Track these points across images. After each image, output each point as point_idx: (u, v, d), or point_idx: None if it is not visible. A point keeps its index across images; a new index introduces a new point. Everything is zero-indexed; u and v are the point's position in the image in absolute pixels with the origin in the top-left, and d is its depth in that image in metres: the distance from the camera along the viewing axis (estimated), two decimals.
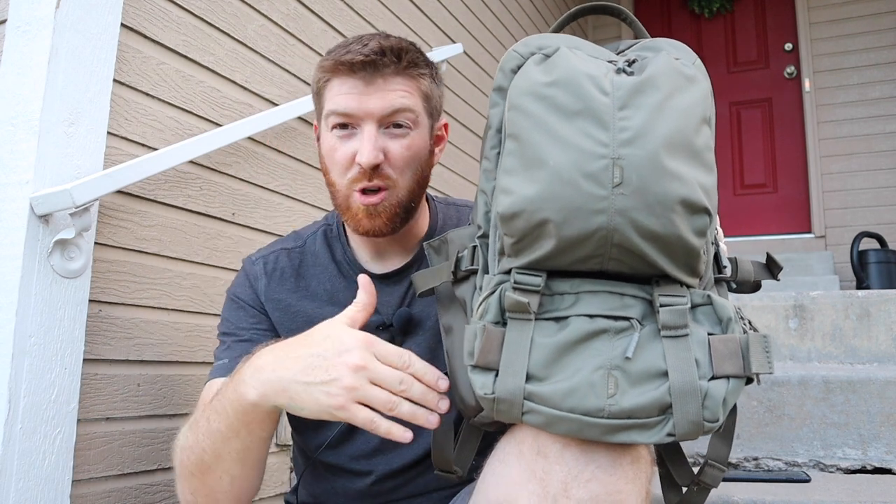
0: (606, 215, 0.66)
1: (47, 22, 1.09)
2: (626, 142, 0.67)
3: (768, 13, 4.29)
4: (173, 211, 1.31)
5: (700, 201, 0.68)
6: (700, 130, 0.70)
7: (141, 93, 1.25)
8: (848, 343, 1.78)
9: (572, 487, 0.69)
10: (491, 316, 0.70)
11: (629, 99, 0.69)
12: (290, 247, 1.09)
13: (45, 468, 1.03)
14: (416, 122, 0.99)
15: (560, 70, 0.71)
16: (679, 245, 0.68)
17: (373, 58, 0.95)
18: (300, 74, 1.69)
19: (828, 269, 3.70)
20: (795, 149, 4.10)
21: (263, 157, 1.56)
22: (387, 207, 0.97)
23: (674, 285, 0.71)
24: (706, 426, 0.67)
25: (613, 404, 0.66)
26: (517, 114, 0.72)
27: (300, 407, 0.78)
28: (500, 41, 3.03)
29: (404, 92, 0.97)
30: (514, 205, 0.69)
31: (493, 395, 0.68)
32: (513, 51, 0.78)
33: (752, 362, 0.69)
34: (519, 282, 0.70)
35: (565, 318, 0.69)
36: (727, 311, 0.71)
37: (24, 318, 1.02)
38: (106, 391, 1.16)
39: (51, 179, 1.07)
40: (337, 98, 0.97)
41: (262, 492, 1.50)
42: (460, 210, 1.14)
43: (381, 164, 0.95)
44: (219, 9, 1.45)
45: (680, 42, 0.80)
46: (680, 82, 0.71)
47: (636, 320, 0.69)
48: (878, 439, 1.41)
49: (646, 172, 0.66)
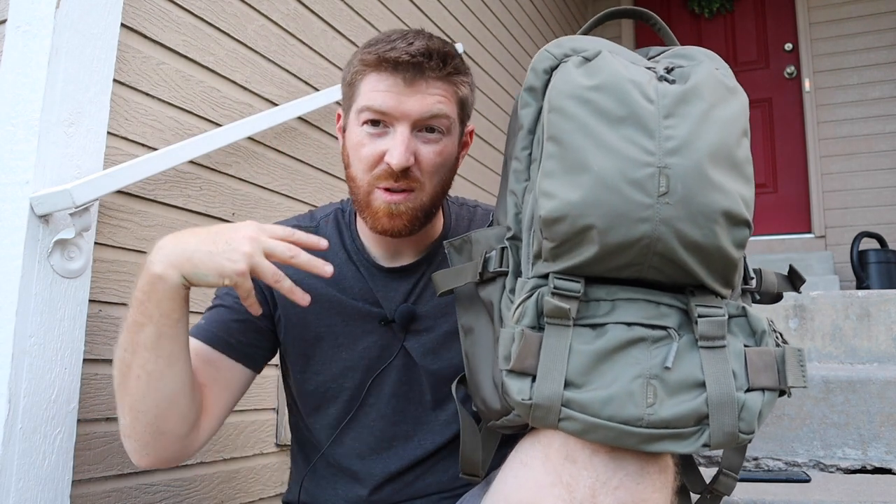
0: (651, 224, 0.66)
1: (47, 22, 1.09)
2: (672, 151, 0.67)
3: (768, 13, 4.29)
4: (173, 211, 1.31)
5: (742, 213, 0.68)
6: (741, 143, 0.71)
7: (141, 93, 1.25)
8: (848, 343, 1.78)
9: (600, 494, 0.69)
10: (528, 320, 0.70)
11: (674, 107, 0.69)
12: (304, 225, 1.07)
13: (45, 468, 1.03)
14: (450, 128, 0.97)
15: (604, 74, 0.71)
16: (719, 256, 0.68)
17: (419, 59, 0.92)
18: (300, 74, 1.69)
19: (828, 269, 3.69)
20: (795, 149, 4.10)
21: (263, 157, 1.56)
22: (409, 209, 0.95)
23: (709, 296, 0.71)
24: (741, 438, 0.67)
25: (652, 414, 0.66)
26: (559, 116, 0.71)
27: (204, 273, 0.82)
28: (500, 41, 3.03)
29: (443, 97, 0.95)
30: (558, 209, 0.68)
31: (530, 402, 0.68)
32: (545, 51, 0.77)
33: (788, 375, 0.69)
34: (559, 287, 0.69)
35: (602, 326, 0.69)
36: (762, 323, 0.72)
37: (24, 318, 1.02)
38: (106, 391, 1.16)
39: (51, 179, 1.07)
40: (373, 94, 0.94)
41: (262, 492, 1.50)
42: (472, 210, 1.13)
43: (411, 168, 0.93)
44: (219, 9, 1.45)
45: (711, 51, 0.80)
46: (723, 93, 0.72)
47: (674, 329, 0.69)
48: (878, 439, 1.41)
49: (691, 182, 0.66)
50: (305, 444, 1.10)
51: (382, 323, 1.02)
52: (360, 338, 1.02)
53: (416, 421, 1.03)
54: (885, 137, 3.85)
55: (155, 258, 0.84)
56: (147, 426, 0.88)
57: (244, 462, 1.45)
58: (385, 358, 1.02)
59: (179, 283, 0.84)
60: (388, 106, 0.93)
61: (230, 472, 1.41)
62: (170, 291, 0.84)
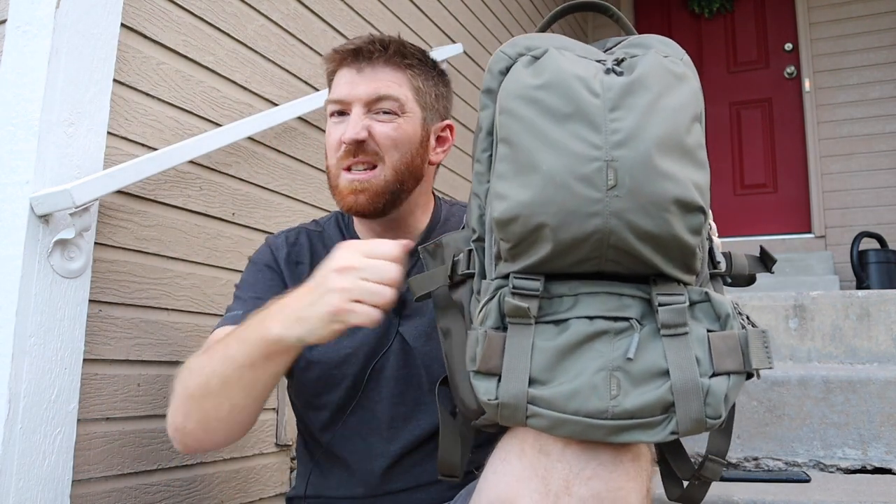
0: (602, 218, 0.66)
1: (47, 22, 1.09)
2: (619, 143, 0.67)
3: (768, 13, 4.28)
4: (173, 211, 1.31)
5: (694, 200, 0.68)
6: (691, 129, 0.71)
7: (141, 93, 1.25)
8: (848, 343, 1.78)
9: (574, 485, 0.70)
10: (491, 321, 0.71)
11: (620, 100, 0.69)
12: (311, 228, 1.17)
13: (45, 468, 1.03)
14: (403, 109, 1.04)
15: (549, 72, 0.71)
16: (675, 244, 0.69)
17: (367, 47, 1.03)
18: (300, 74, 1.69)
19: (828, 269, 3.69)
20: (795, 149, 4.10)
21: (263, 157, 1.56)
22: (372, 185, 1.02)
23: (671, 284, 0.71)
24: (709, 423, 0.68)
25: (616, 405, 0.66)
26: (508, 118, 0.72)
27: (312, 329, 0.83)
28: (500, 41, 3.03)
29: (392, 82, 1.04)
30: (509, 210, 0.69)
31: (496, 401, 0.68)
32: (500, 52, 0.78)
33: (752, 358, 0.69)
34: (517, 286, 0.70)
35: (565, 321, 0.70)
36: (725, 307, 0.72)
37: (24, 318, 1.02)
38: (106, 391, 1.16)
39: (51, 179, 1.07)
40: (335, 88, 1.06)
41: (262, 492, 1.50)
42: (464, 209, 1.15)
43: (366, 141, 1.01)
44: (219, 9, 1.45)
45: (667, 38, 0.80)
46: (670, 81, 0.71)
47: (635, 320, 0.70)
48: (878, 439, 1.41)
49: (639, 173, 0.66)
50: (310, 441, 1.12)
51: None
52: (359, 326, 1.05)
53: (414, 402, 1.06)
54: (885, 137, 3.85)
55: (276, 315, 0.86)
56: (216, 436, 0.97)
57: (244, 462, 1.46)
58: (384, 343, 1.06)
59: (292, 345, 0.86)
60: (343, 94, 1.04)
61: (230, 472, 1.41)
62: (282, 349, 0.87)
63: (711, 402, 0.67)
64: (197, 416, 0.94)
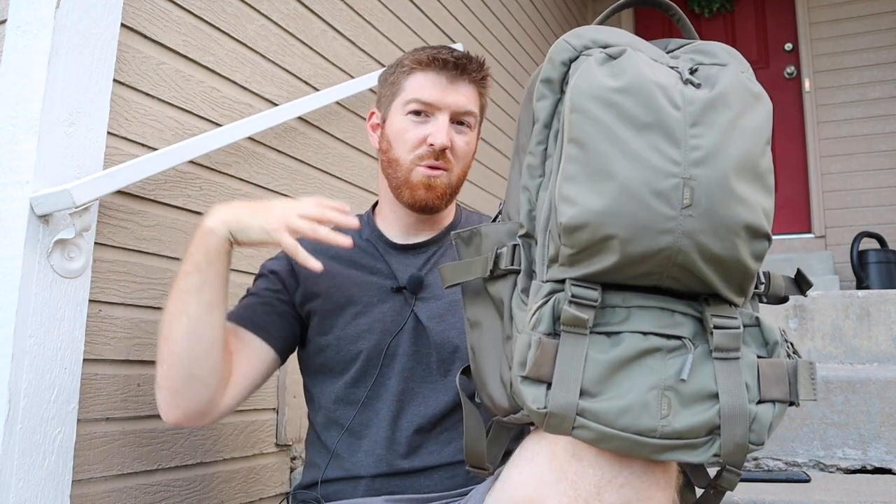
0: (673, 236, 0.66)
1: (47, 22, 1.09)
2: (698, 161, 0.66)
3: (768, 13, 4.28)
4: (173, 211, 1.31)
5: (763, 227, 0.68)
6: (765, 152, 0.70)
7: (141, 93, 1.25)
8: (848, 343, 1.78)
9: (605, 492, 0.69)
10: (544, 327, 0.69)
11: (701, 115, 0.68)
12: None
13: (45, 468, 1.03)
14: (473, 126, 1.16)
15: (629, 75, 0.69)
16: (738, 268, 0.68)
17: (463, 62, 1.12)
18: (300, 74, 1.69)
19: (828, 269, 3.69)
20: (795, 149, 4.10)
21: (263, 157, 1.56)
22: (443, 184, 1.11)
23: (724, 305, 0.71)
24: (751, 448, 0.68)
25: (666, 425, 0.66)
26: (581, 118, 0.69)
27: (246, 228, 0.98)
28: (500, 41, 3.03)
29: (473, 98, 1.15)
30: (579, 216, 0.67)
31: (545, 410, 0.67)
32: (564, 41, 0.75)
33: (800, 389, 0.70)
34: (576, 295, 0.69)
35: (618, 334, 0.69)
36: (774, 334, 0.72)
37: (24, 318, 1.02)
38: (106, 391, 1.16)
39: (51, 179, 1.06)
40: (421, 88, 1.11)
41: (262, 492, 1.50)
42: (480, 217, 1.27)
43: (447, 150, 1.10)
44: (219, 9, 1.45)
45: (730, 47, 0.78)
46: (749, 100, 0.70)
47: (689, 340, 0.69)
48: (878, 439, 1.41)
49: (715, 195, 0.66)
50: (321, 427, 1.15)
51: (394, 290, 1.12)
52: (376, 305, 1.12)
53: (422, 380, 1.10)
54: (885, 137, 3.85)
55: (209, 216, 1.00)
56: (182, 370, 0.98)
57: (244, 462, 1.45)
58: (399, 322, 1.11)
59: (226, 238, 0.98)
60: (434, 98, 1.10)
61: (230, 472, 1.41)
62: (217, 243, 0.98)
63: (756, 429, 0.68)
64: (166, 350, 0.99)
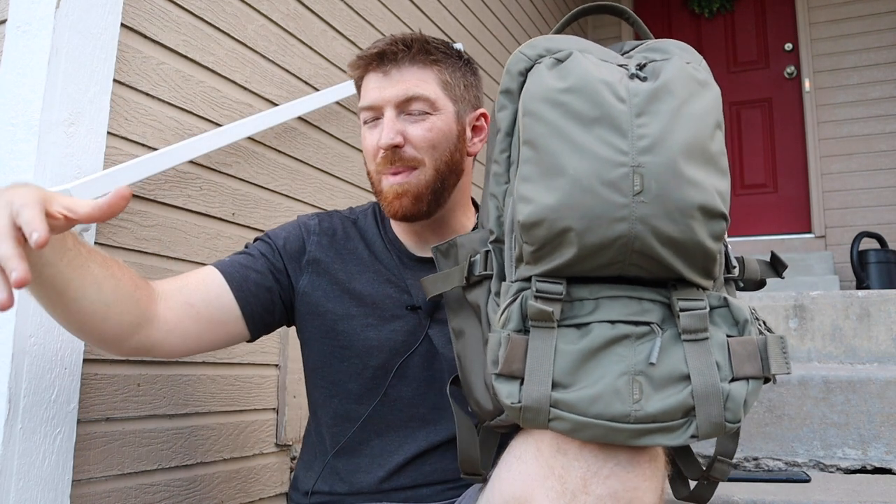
0: (628, 223, 0.67)
1: (47, 22, 1.09)
2: (645, 149, 0.68)
3: (768, 13, 4.28)
4: (173, 211, 1.31)
5: (717, 207, 0.69)
6: (714, 136, 0.72)
7: (141, 93, 1.25)
8: (848, 343, 1.78)
9: (591, 484, 0.70)
10: (513, 324, 0.71)
11: (646, 106, 0.70)
12: (345, 215, 1.15)
13: (45, 468, 1.03)
14: (435, 107, 1.03)
15: (575, 76, 0.72)
16: (697, 250, 0.69)
17: (383, 48, 1.02)
18: (300, 74, 1.69)
19: (828, 269, 3.69)
20: (795, 149, 4.10)
21: (263, 157, 1.56)
22: (413, 186, 1.01)
23: (690, 288, 0.72)
24: (728, 427, 0.69)
25: (639, 409, 0.67)
26: (533, 120, 0.72)
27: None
28: (500, 41, 3.03)
29: (418, 80, 1.02)
30: (535, 213, 0.69)
31: (519, 404, 0.69)
32: (519, 52, 0.78)
33: (771, 363, 0.71)
34: (541, 290, 0.71)
35: (587, 325, 0.70)
36: (743, 312, 0.73)
37: (24, 318, 1.02)
38: (106, 391, 1.16)
39: (51, 179, 1.06)
40: (364, 94, 1.05)
41: (262, 492, 1.50)
42: None
43: (403, 147, 1.01)
44: (219, 9, 1.45)
45: (684, 43, 0.81)
46: (694, 87, 0.72)
47: (656, 325, 0.71)
48: (878, 439, 1.41)
49: (665, 180, 0.67)
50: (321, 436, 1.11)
51: (409, 309, 1.06)
52: (389, 321, 1.06)
53: (434, 406, 1.05)
54: (885, 137, 3.85)
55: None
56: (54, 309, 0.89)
57: (244, 462, 1.45)
58: (410, 343, 1.05)
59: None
60: (373, 99, 1.03)
61: (230, 472, 1.41)
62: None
63: (731, 407, 0.69)
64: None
